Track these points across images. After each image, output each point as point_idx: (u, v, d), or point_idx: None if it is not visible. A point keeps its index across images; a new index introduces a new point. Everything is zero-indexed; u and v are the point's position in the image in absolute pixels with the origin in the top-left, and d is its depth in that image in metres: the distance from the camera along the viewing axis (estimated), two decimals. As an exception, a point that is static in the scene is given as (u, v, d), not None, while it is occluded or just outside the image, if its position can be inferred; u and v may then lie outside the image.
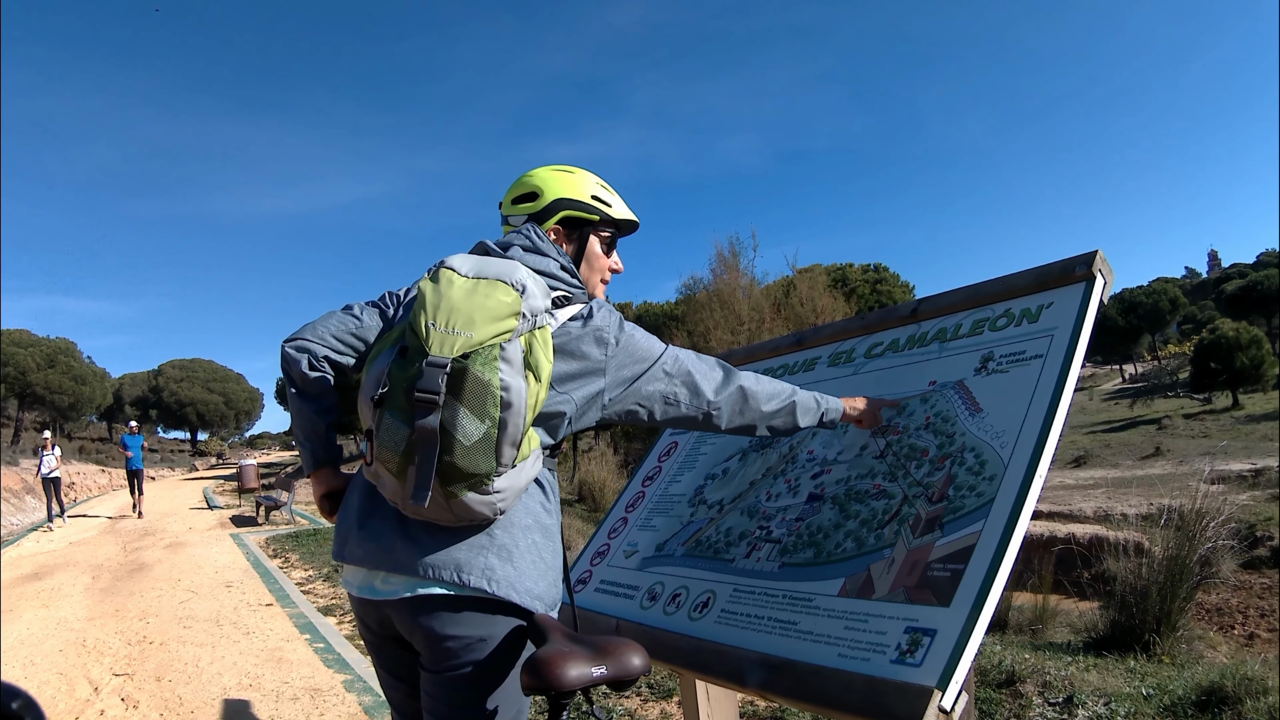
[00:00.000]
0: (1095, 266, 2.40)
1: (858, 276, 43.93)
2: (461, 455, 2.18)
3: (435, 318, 2.27)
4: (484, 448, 2.20)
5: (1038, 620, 9.22)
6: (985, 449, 2.24)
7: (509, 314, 2.28)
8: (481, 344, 2.23)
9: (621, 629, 2.74)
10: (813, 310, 23.37)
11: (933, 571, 2.06)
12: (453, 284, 2.34)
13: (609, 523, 3.38)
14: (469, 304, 2.28)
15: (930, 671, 1.82)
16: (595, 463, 26.51)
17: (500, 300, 2.30)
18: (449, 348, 2.21)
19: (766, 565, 2.55)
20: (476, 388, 2.19)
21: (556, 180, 2.80)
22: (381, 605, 2.42)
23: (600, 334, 2.50)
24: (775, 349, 3.50)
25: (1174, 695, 5.37)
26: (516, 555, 2.38)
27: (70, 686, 7.43)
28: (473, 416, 2.19)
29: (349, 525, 2.53)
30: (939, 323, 2.80)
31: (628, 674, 2.20)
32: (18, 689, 1.26)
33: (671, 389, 2.57)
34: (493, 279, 2.35)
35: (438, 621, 2.33)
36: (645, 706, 5.87)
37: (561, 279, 2.63)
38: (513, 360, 2.25)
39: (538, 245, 2.66)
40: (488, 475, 2.22)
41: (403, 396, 2.22)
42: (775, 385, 2.67)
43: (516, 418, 2.22)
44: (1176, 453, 35.11)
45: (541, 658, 2.12)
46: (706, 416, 2.61)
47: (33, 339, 59.21)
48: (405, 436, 2.21)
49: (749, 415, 2.64)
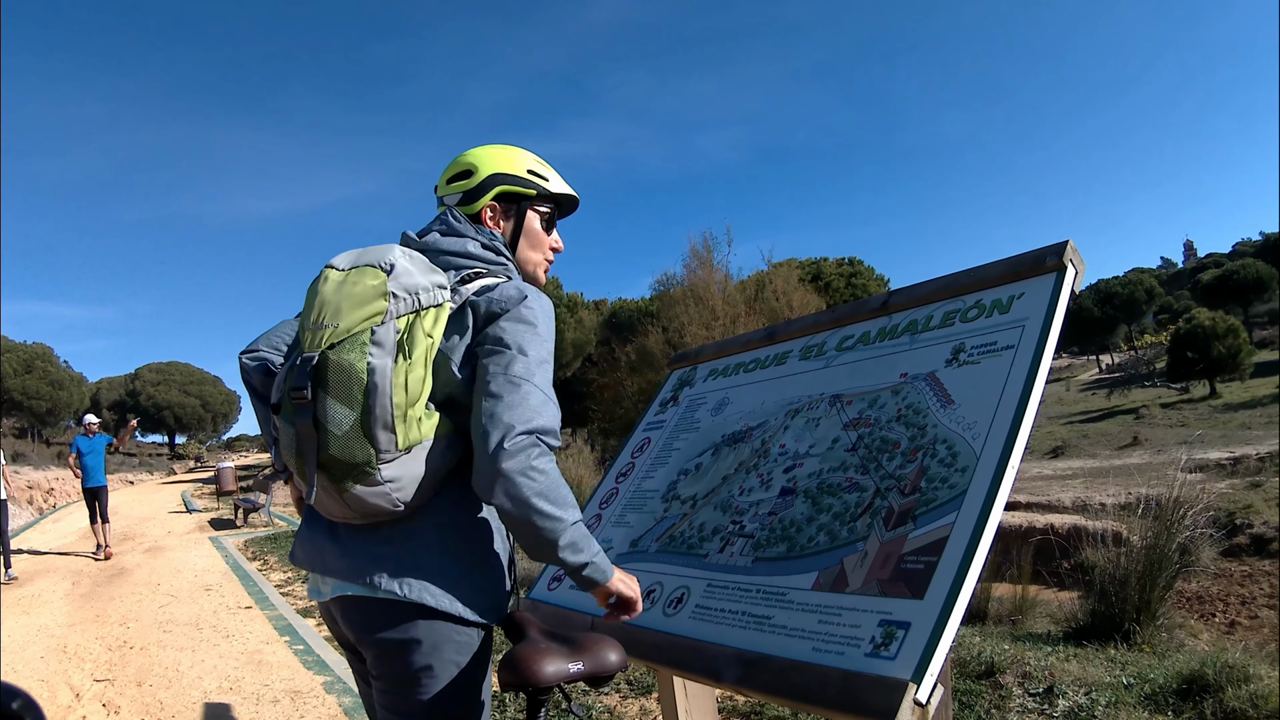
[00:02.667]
0: (1066, 256, 2.40)
1: (833, 270, 44.05)
2: (335, 445, 2.19)
3: (309, 317, 2.30)
4: (355, 434, 2.19)
5: (1017, 611, 9.24)
6: (957, 441, 2.24)
7: (375, 296, 2.27)
8: (349, 331, 2.23)
9: (597, 625, 2.73)
10: (787, 305, 23.43)
11: (906, 564, 2.05)
12: (327, 280, 2.35)
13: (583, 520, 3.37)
14: (337, 295, 2.28)
15: (905, 664, 1.82)
16: (572, 459, 26.43)
17: (367, 285, 2.28)
18: (318, 342, 2.23)
19: (740, 560, 2.54)
20: (339, 375, 2.19)
21: (491, 156, 2.76)
22: (328, 605, 2.46)
23: (493, 305, 2.41)
24: (746, 343, 3.49)
25: (1155, 684, 5.39)
26: (434, 554, 2.35)
27: (52, 693, 7.41)
28: (339, 404, 2.19)
29: (299, 529, 2.59)
30: (910, 315, 2.80)
31: (604, 670, 2.20)
32: (18, 689, 1.25)
33: (488, 387, 2.27)
34: (363, 266, 2.34)
35: (367, 623, 2.34)
36: (624, 703, 5.87)
37: (481, 257, 2.60)
38: (384, 343, 2.24)
39: (454, 227, 2.65)
40: (368, 464, 2.20)
41: (288, 399, 2.25)
42: (568, 495, 2.28)
43: (383, 399, 2.19)
44: (1154, 442, 35.34)
45: (518, 654, 2.13)
46: (481, 455, 2.21)
47: (10, 344, 59.03)
48: (293, 436, 2.24)
49: (515, 490, 2.17)
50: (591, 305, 47.08)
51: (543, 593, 3.16)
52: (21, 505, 27.92)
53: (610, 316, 43.93)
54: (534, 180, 2.76)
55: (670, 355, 4.28)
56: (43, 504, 31.15)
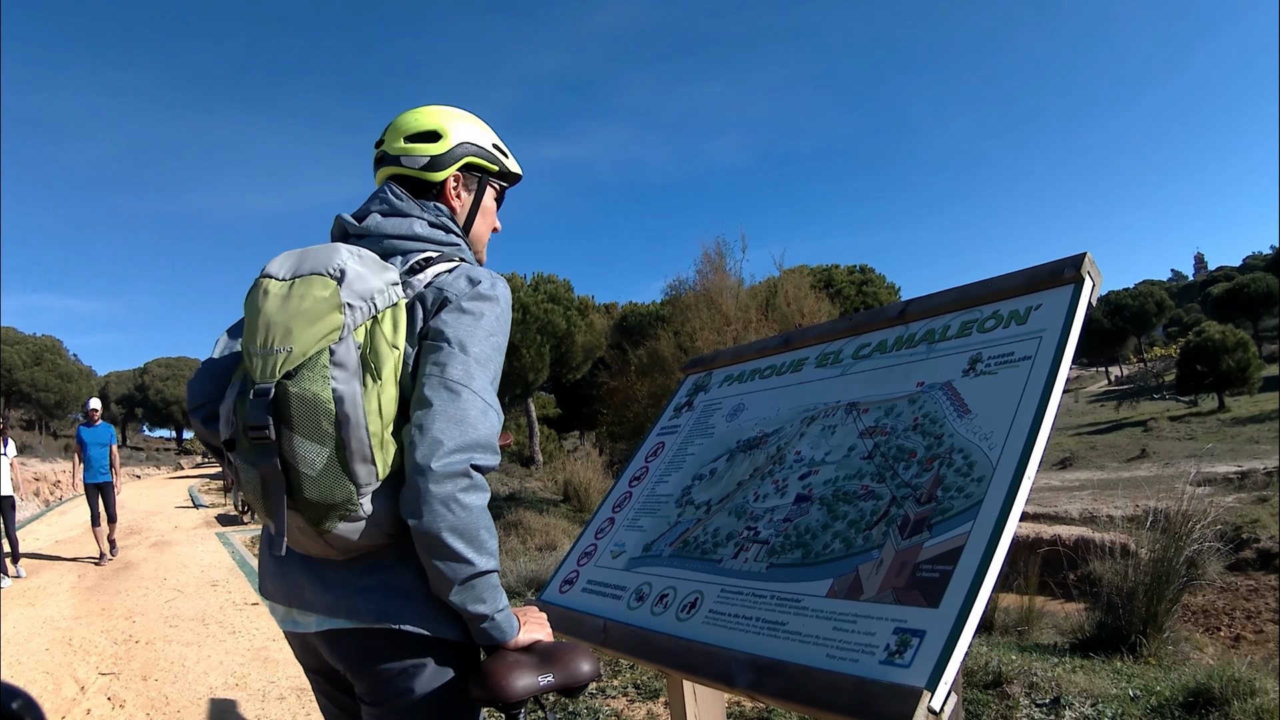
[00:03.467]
0: (1084, 269, 2.41)
1: (844, 278, 44.07)
2: (311, 487, 1.99)
3: (255, 339, 2.05)
4: (331, 472, 2.00)
5: (1024, 622, 9.24)
6: (974, 450, 2.24)
7: (329, 310, 2.05)
8: (304, 355, 2.01)
9: (609, 629, 2.73)
10: (799, 311, 23.40)
11: (921, 573, 2.05)
12: (268, 294, 2.09)
13: (595, 523, 3.37)
14: (284, 313, 2.05)
15: (919, 672, 1.82)
16: (581, 463, 26.48)
17: (316, 297, 2.06)
18: (271, 370, 2.01)
19: (754, 566, 2.54)
20: (303, 408, 1.98)
21: (460, 121, 2.56)
22: (305, 637, 2.32)
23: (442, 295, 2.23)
24: (762, 350, 3.49)
25: (1161, 696, 5.39)
26: (420, 582, 2.18)
27: (57, 686, 7.43)
28: (309, 441, 1.98)
29: (265, 559, 2.42)
30: (927, 324, 2.80)
31: (576, 681, 2.18)
32: (18, 689, 1.25)
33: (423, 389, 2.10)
34: (307, 274, 2.10)
35: (362, 655, 2.19)
36: (631, 707, 5.86)
37: (429, 238, 2.41)
38: (347, 364, 2.03)
39: (396, 206, 2.43)
40: (349, 501, 2.02)
41: (244, 437, 2.03)
42: (487, 538, 2.11)
43: (357, 430, 2.01)
44: (1162, 455, 35.28)
45: (488, 669, 2.09)
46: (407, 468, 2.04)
47: (19, 336, 59.17)
48: (256, 478, 2.02)
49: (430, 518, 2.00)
50: (602, 309, 47.08)
51: (554, 595, 3.16)
52: (28, 497, 27.93)
53: (621, 320, 44.00)
54: (498, 155, 2.64)
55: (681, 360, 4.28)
56: (49, 496, 31.14)
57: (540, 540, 16.26)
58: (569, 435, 57.98)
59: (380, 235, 2.37)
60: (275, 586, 2.32)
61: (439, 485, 2.01)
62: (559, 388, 51.26)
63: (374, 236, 2.37)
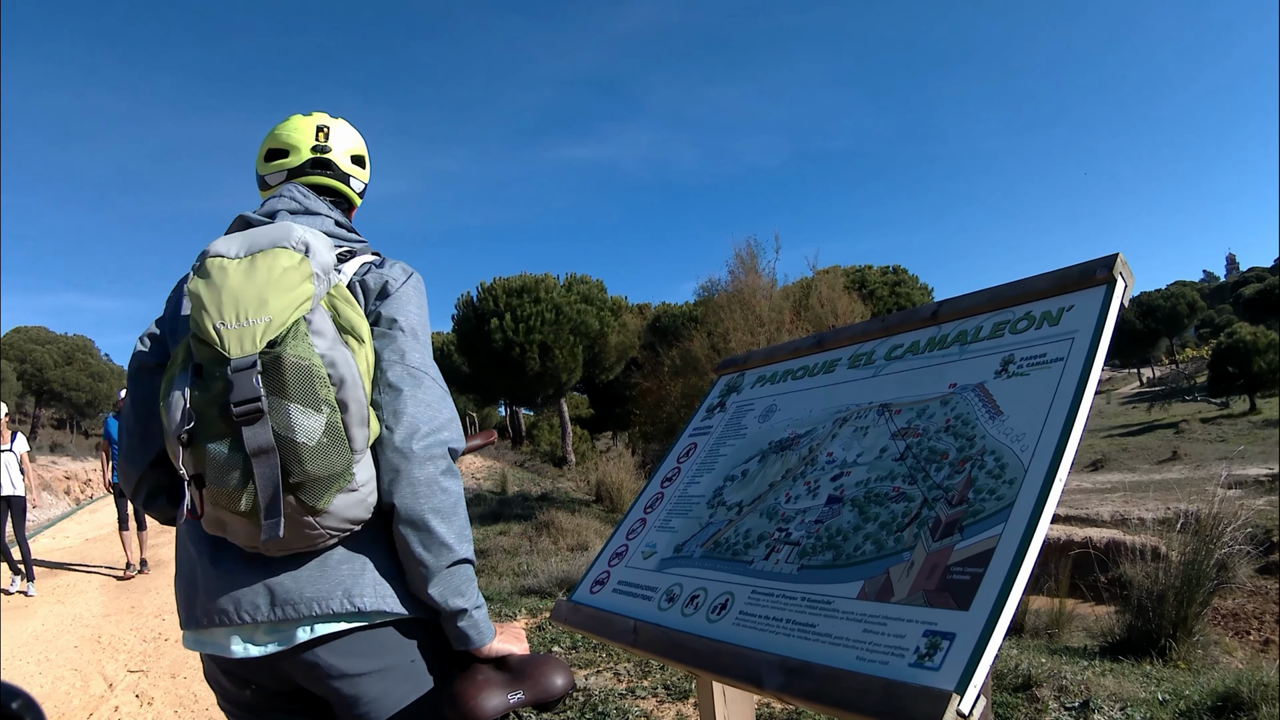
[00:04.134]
0: (1116, 269, 2.39)
1: (877, 278, 44.08)
2: (311, 458, 1.93)
3: (222, 314, 1.97)
4: (333, 440, 1.97)
5: (1054, 624, 9.22)
6: (1005, 452, 2.23)
7: (301, 280, 2.04)
8: (285, 324, 1.96)
9: (639, 630, 2.73)
10: (832, 312, 23.33)
11: (952, 575, 2.05)
12: (225, 271, 2.04)
13: (627, 524, 3.38)
14: (252, 285, 2.00)
15: (949, 675, 1.81)
16: (613, 463, 26.46)
17: (284, 268, 2.04)
18: (250, 342, 1.94)
19: (785, 567, 2.53)
20: (298, 374, 1.93)
21: (309, 130, 2.59)
22: (266, 661, 2.12)
23: (385, 282, 2.30)
24: (795, 350, 3.48)
25: (1190, 701, 5.37)
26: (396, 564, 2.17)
27: (85, 683, 7.48)
28: (306, 409, 1.94)
29: (192, 586, 2.20)
30: (959, 325, 2.79)
31: (548, 696, 2.18)
32: (17, 689, 1.26)
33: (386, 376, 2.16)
34: (268, 249, 2.09)
35: (350, 658, 2.11)
36: (661, 708, 5.87)
37: (340, 235, 2.44)
38: (324, 331, 2.03)
39: (306, 205, 2.45)
40: (348, 469, 1.99)
41: (219, 420, 1.93)
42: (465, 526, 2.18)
43: (355, 391, 2.01)
44: (1194, 457, 35.15)
45: (456, 689, 2.10)
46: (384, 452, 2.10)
47: (50, 336, 59.60)
48: (240, 463, 1.92)
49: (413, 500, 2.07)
50: (635, 309, 47.17)
51: (585, 596, 3.16)
52: (59, 495, 28.04)
53: (654, 321, 44.05)
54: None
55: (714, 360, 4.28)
56: (80, 494, 31.26)
57: (572, 541, 16.27)
58: (602, 436, 58.05)
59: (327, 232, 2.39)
60: (224, 608, 2.11)
61: (421, 468, 2.08)
62: (592, 388, 51.38)
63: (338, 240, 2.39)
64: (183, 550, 2.27)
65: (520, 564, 12.95)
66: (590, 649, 7.38)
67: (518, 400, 46.39)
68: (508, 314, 38.29)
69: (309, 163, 2.58)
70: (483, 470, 29.85)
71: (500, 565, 13.05)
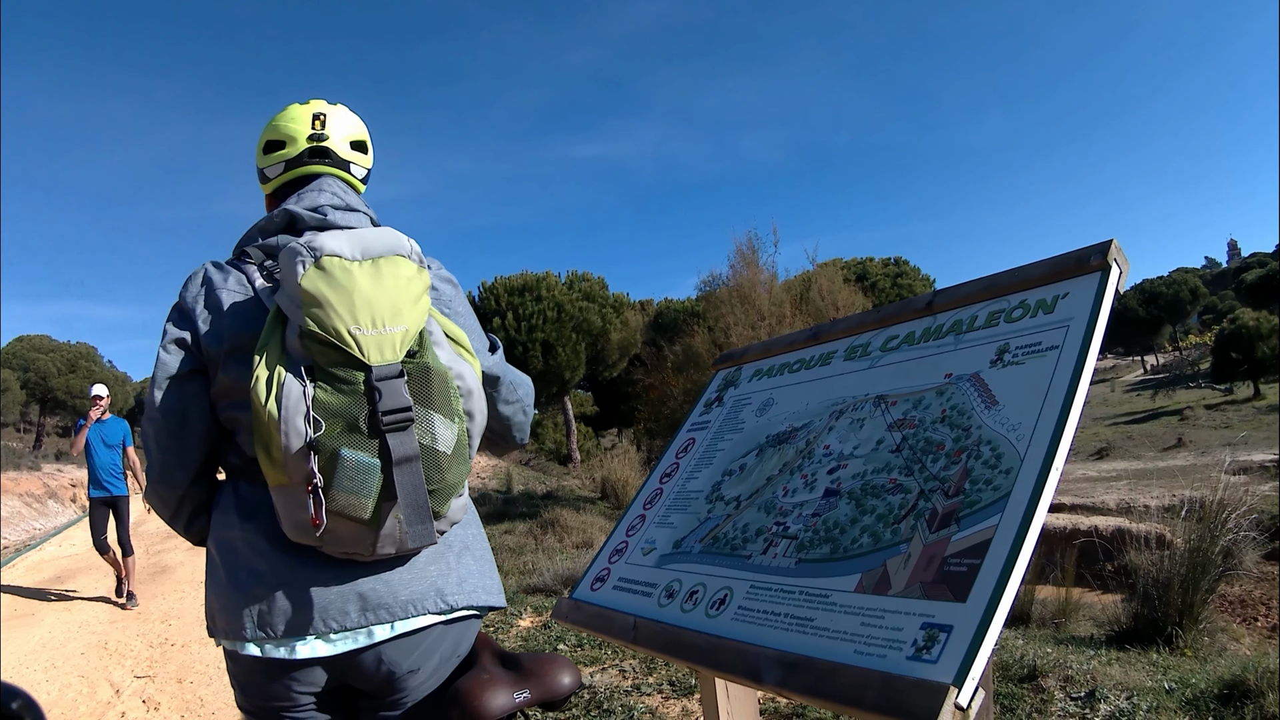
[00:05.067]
0: (1110, 256, 2.38)
1: (878, 270, 44.10)
2: (450, 467, 1.96)
3: (358, 318, 1.93)
4: (461, 449, 2.00)
5: (1060, 614, 9.21)
6: (1001, 442, 2.22)
7: (423, 290, 2.06)
8: (416, 333, 1.99)
9: (639, 626, 2.72)
10: (833, 305, 23.31)
11: (949, 567, 2.04)
12: (351, 273, 1.98)
13: (627, 520, 3.38)
14: (383, 291, 1.97)
15: (946, 668, 1.81)
16: (618, 460, 26.49)
17: (408, 277, 2.04)
18: (390, 349, 1.93)
19: (783, 561, 2.53)
20: (442, 384, 1.95)
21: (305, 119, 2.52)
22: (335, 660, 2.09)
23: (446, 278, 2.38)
24: (791, 344, 3.48)
25: (1196, 689, 5.36)
26: (471, 555, 2.26)
27: (92, 689, 7.48)
28: (445, 420, 1.95)
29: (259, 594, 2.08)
30: (954, 315, 2.78)
31: (554, 695, 2.18)
32: (17, 689, 1.26)
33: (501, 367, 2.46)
34: (388, 255, 2.05)
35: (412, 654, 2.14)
36: (666, 704, 5.86)
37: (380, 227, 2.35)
38: (442, 342, 2.05)
39: (348, 201, 2.41)
40: (465, 478, 2.04)
41: (364, 426, 1.88)
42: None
43: (480, 402, 2.07)
44: (1198, 444, 35.12)
45: (462, 689, 2.09)
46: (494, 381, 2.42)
47: (53, 344, 59.59)
48: (377, 470, 1.88)
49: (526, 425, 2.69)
50: (637, 306, 47.10)
51: (586, 593, 3.16)
52: (65, 504, 28.07)
53: (656, 317, 43.99)
54: None
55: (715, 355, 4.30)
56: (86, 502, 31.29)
57: (577, 538, 16.29)
58: (606, 433, 58.08)
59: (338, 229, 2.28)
60: (302, 614, 2.05)
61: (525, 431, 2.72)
62: (596, 385, 51.36)
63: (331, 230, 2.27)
64: (252, 559, 2.13)
65: (525, 562, 12.98)
66: (595, 646, 7.38)
67: (522, 398, 46.36)
68: (509, 313, 38.31)
69: (306, 152, 2.50)
70: (488, 469, 29.89)
71: (505, 564, 13.09)
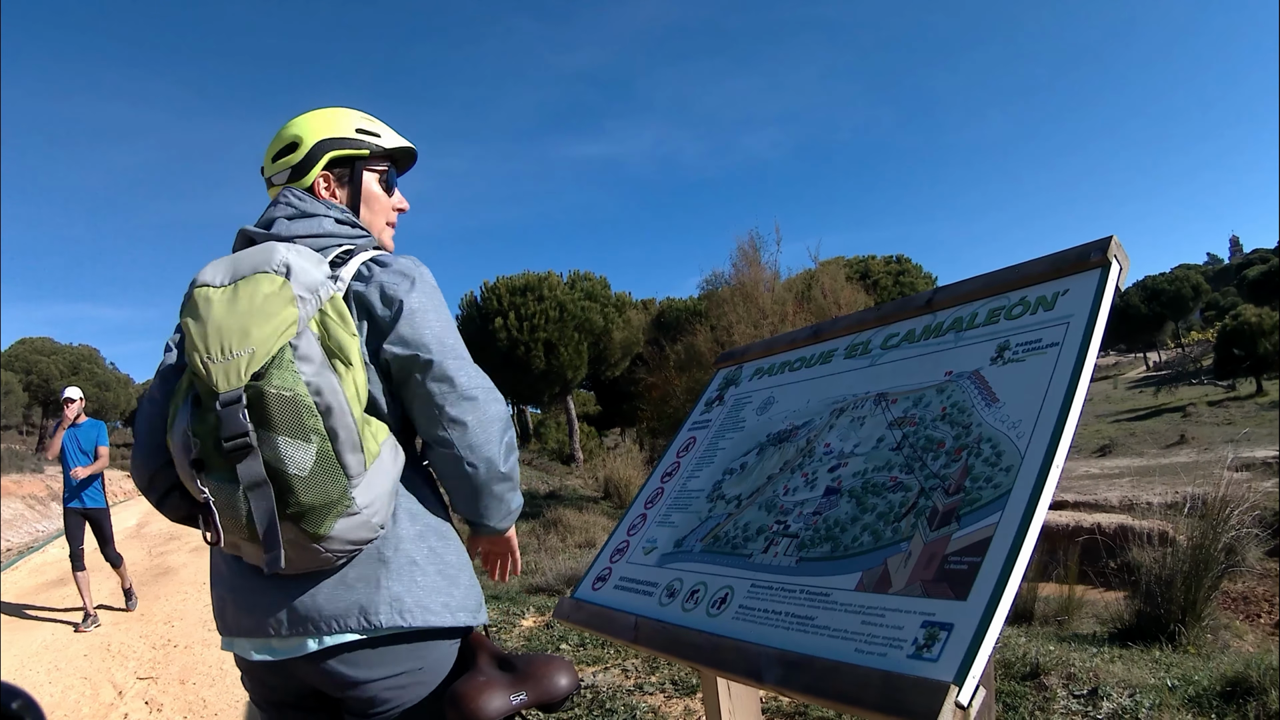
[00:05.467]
0: (1110, 252, 2.38)
1: (880, 268, 44.18)
2: (305, 490, 1.94)
3: (209, 348, 1.98)
4: (325, 470, 1.97)
5: (1064, 611, 9.20)
6: (1002, 439, 2.21)
7: (284, 305, 2.02)
8: (269, 354, 1.96)
9: (640, 626, 2.71)
10: (835, 303, 23.31)
11: (949, 564, 2.03)
12: (210, 302, 2.05)
13: (628, 519, 3.37)
14: (235, 316, 2.00)
15: (947, 667, 1.80)
16: (621, 459, 26.51)
17: (266, 294, 2.03)
18: (235, 375, 1.94)
19: (784, 560, 2.52)
20: (282, 406, 1.93)
21: (314, 122, 2.51)
22: (286, 664, 2.21)
23: (385, 290, 2.22)
24: (792, 342, 3.47)
25: (1199, 686, 5.35)
26: (418, 571, 2.21)
27: (95, 691, 7.48)
28: (295, 441, 1.93)
29: (223, 596, 2.30)
30: (955, 312, 2.77)
31: (552, 697, 2.17)
32: (17, 689, 1.26)
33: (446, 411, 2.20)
34: (250, 275, 2.07)
35: (360, 668, 2.16)
36: (669, 703, 5.85)
37: (339, 234, 2.37)
38: (312, 356, 2.00)
39: (302, 208, 2.39)
40: (344, 495, 1.99)
41: (215, 454, 1.94)
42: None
43: (344, 417, 1.99)
44: (1201, 440, 35.12)
45: (458, 691, 2.08)
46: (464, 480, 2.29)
47: (55, 346, 59.61)
48: (238, 494, 1.94)
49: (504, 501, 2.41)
50: (640, 305, 47.14)
51: (587, 592, 3.15)
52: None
53: (658, 316, 44.00)
54: (365, 139, 2.55)
55: (718, 354, 4.26)
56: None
57: (580, 538, 16.31)
58: (609, 432, 58.19)
59: (291, 238, 2.31)
60: (250, 620, 2.20)
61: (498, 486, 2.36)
62: (598, 385, 51.48)
63: (286, 240, 2.29)
64: (216, 558, 2.35)
65: (528, 562, 12.98)
66: (598, 645, 7.39)
67: (524, 399, 46.49)
68: (512, 313, 38.37)
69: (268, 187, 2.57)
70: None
71: (509, 564, 13.06)
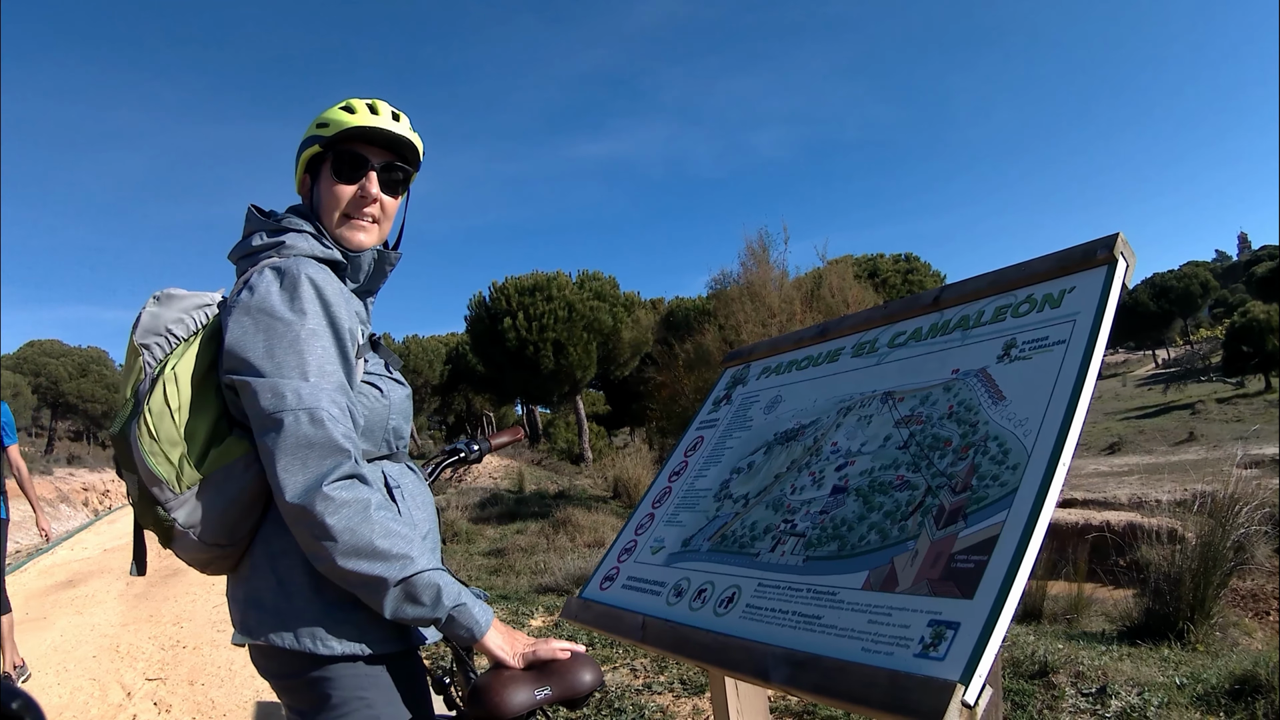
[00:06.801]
0: (1117, 250, 2.37)
1: (889, 267, 44.13)
2: (137, 511, 2.24)
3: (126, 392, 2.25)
4: (141, 499, 2.17)
5: (1072, 609, 9.18)
6: (1008, 437, 2.21)
7: (132, 357, 2.19)
8: (125, 401, 2.19)
9: (648, 625, 2.71)
10: (843, 301, 23.25)
11: (956, 563, 2.03)
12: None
13: (636, 519, 3.37)
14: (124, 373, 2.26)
15: (953, 665, 1.80)
16: (630, 459, 26.48)
17: (127, 350, 2.22)
18: (118, 423, 2.19)
19: (791, 559, 2.52)
20: (120, 445, 2.17)
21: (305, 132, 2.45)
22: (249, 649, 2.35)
23: (234, 306, 2.15)
24: (799, 341, 3.47)
25: (1208, 684, 5.34)
26: (278, 592, 2.15)
27: (103, 692, 7.48)
28: (128, 472, 2.19)
29: None
30: (961, 310, 2.76)
31: (576, 692, 2.15)
32: (18, 689, 1.26)
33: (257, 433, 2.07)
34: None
35: (264, 666, 2.27)
36: (677, 703, 5.86)
37: (261, 247, 2.32)
38: (152, 403, 2.12)
39: (247, 225, 2.41)
40: (161, 522, 2.15)
41: None
42: (391, 538, 2.01)
43: (139, 455, 2.10)
44: (1210, 437, 35.06)
45: (482, 685, 2.06)
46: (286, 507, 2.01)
47: (64, 349, 59.88)
48: None
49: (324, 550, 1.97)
50: (648, 304, 47.06)
51: (595, 592, 3.15)
52: (77, 507, 28.17)
53: (667, 315, 43.93)
54: (316, 134, 2.40)
55: (726, 353, 4.25)
56: (98, 505, 31.39)
57: (589, 538, 16.29)
58: (619, 432, 58.14)
59: (242, 256, 2.38)
60: None
61: (306, 524, 1.98)
62: (607, 384, 51.40)
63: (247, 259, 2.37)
64: None
65: (538, 562, 12.98)
66: (607, 645, 7.39)
67: (533, 398, 46.44)
68: (520, 313, 38.36)
69: None
70: (500, 469, 29.89)
71: (518, 564, 13.10)
